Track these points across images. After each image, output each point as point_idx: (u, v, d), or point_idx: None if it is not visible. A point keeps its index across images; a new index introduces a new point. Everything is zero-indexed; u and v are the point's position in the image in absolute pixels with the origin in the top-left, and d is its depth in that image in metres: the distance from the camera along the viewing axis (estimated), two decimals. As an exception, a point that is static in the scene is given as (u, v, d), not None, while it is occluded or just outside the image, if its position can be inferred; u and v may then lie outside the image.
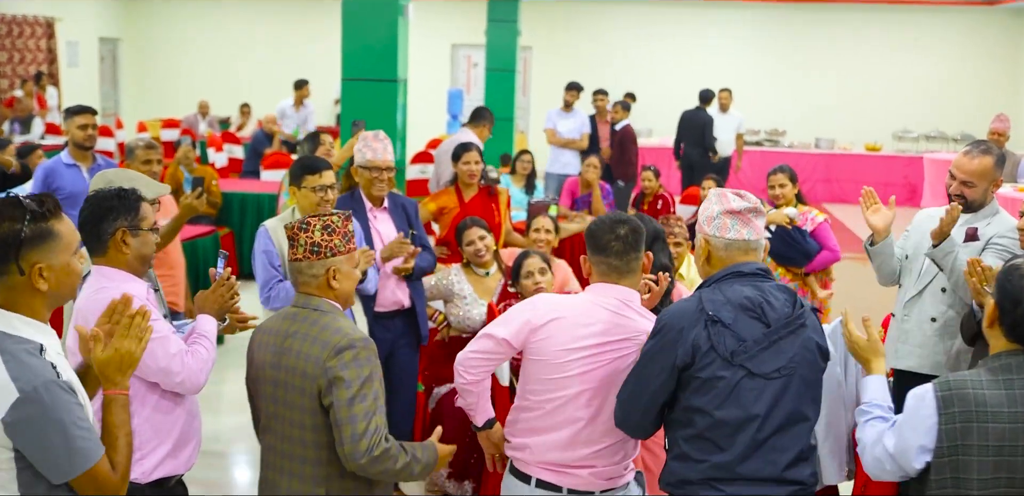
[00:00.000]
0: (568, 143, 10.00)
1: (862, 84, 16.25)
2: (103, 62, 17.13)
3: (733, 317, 2.50)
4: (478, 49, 13.98)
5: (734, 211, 2.62)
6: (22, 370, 2.03)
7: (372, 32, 7.09)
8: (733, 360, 2.48)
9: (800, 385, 2.54)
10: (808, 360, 2.56)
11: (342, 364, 2.53)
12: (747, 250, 2.62)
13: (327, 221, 2.67)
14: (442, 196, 5.85)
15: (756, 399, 2.49)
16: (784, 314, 2.54)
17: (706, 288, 2.59)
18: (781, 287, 2.61)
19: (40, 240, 2.09)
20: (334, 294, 2.68)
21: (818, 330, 2.62)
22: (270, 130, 11.95)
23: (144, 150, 5.07)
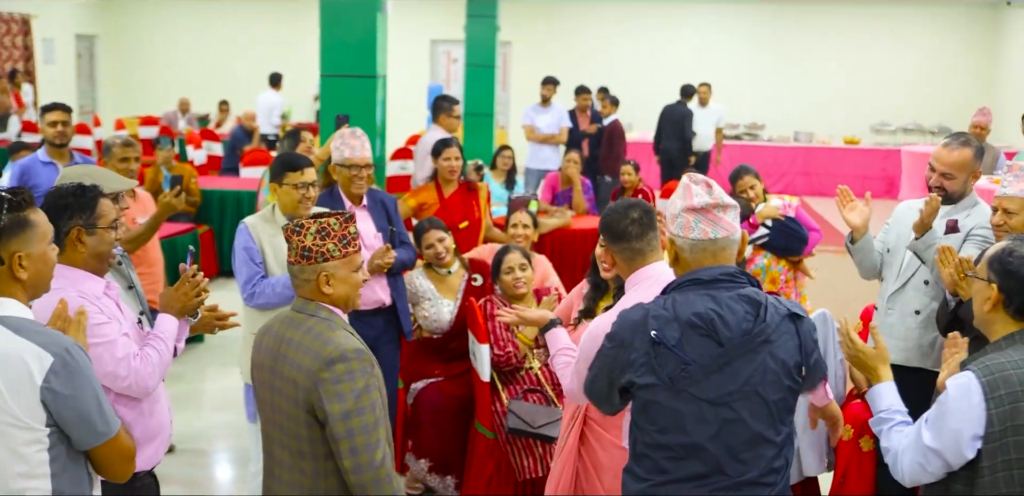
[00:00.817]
0: (547, 138, 10.00)
1: (840, 77, 16.34)
2: (80, 59, 17.00)
3: (678, 337, 2.25)
4: (457, 45, 13.94)
5: (696, 208, 2.35)
6: (44, 336, 2.12)
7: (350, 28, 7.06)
8: (674, 386, 2.25)
9: (760, 407, 2.27)
10: (770, 381, 2.27)
11: (334, 377, 2.43)
12: (714, 251, 2.35)
13: (323, 224, 2.55)
14: (422, 192, 5.85)
15: (701, 425, 2.26)
16: (741, 331, 2.26)
17: (662, 296, 2.36)
18: (744, 297, 2.30)
19: (19, 229, 2.16)
20: (329, 299, 2.58)
21: (789, 345, 2.30)
22: (250, 127, 11.90)
23: (121, 148, 5.04)
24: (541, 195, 8.06)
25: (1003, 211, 3.40)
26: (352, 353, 2.47)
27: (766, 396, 2.28)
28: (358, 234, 2.66)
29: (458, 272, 4.81)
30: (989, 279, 2.41)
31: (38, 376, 2.07)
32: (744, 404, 2.26)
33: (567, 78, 12.40)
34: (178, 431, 5.14)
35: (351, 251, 2.60)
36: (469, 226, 5.81)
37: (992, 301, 2.40)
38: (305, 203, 3.93)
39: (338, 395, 2.43)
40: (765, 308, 2.28)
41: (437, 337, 4.71)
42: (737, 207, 2.40)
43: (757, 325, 2.26)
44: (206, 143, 12.29)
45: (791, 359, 2.29)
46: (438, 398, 4.45)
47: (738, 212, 2.41)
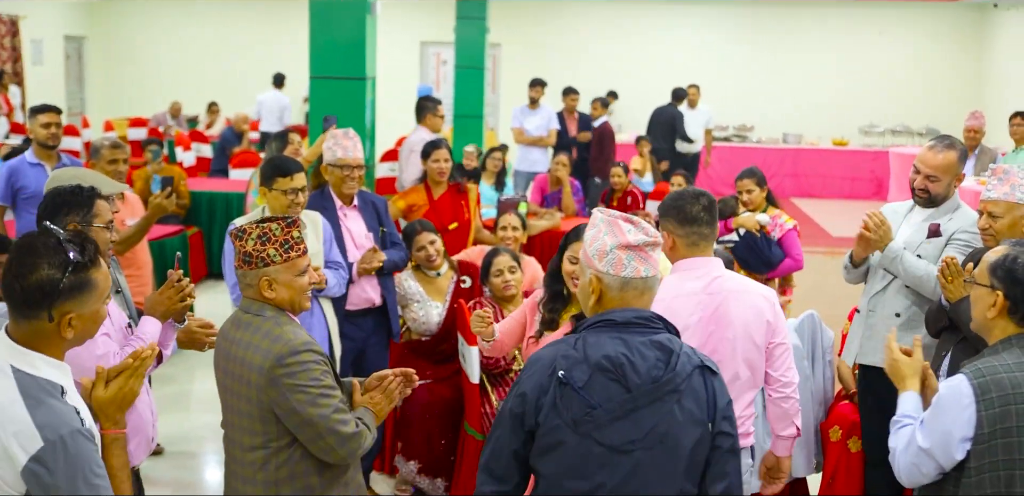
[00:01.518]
0: (535, 141, 10.01)
1: (829, 79, 16.39)
2: (68, 60, 16.93)
3: (586, 379, 2.16)
4: (447, 46, 13.95)
5: (631, 245, 2.24)
6: (48, 416, 1.98)
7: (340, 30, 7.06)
8: (577, 429, 2.15)
9: (670, 460, 2.16)
10: (680, 433, 2.16)
11: (290, 372, 2.51)
12: (643, 290, 2.25)
13: (264, 229, 2.60)
14: (411, 194, 5.85)
15: (603, 471, 2.16)
16: (650, 378, 2.15)
17: (573, 334, 2.27)
18: (656, 344, 2.20)
19: (77, 291, 2.05)
20: (274, 303, 2.63)
21: (699, 397, 2.20)
22: (240, 129, 11.88)
23: (110, 149, 5.03)
24: (530, 197, 8.08)
25: (988, 215, 3.41)
26: (301, 346, 2.55)
27: (676, 449, 2.16)
28: (302, 239, 2.68)
29: (447, 274, 4.81)
30: (992, 286, 2.41)
31: (21, 458, 1.96)
32: (649, 454, 2.15)
33: (556, 80, 12.41)
34: (166, 433, 5.14)
35: (293, 256, 2.63)
36: (458, 228, 5.81)
37: (998, 308, 2.41)
38: (294, 208, 3.93)
39: (299, 386, 2.51)
40: (677, 356, 2.19)
41: (426, 339, 4.71)
42: (660, 244, 2.29)
43: (667, 373, 2.16)
44: (195, 145, 12.27)
45: (700, 413, 2.19)
46: (428, 400, 4.45)
47: (659, 251, 2.29)
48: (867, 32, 16.33)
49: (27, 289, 2.01)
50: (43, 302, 2.02)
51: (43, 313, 2.03)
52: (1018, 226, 3.37)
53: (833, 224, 12.13)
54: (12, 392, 1.98)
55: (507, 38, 16.34)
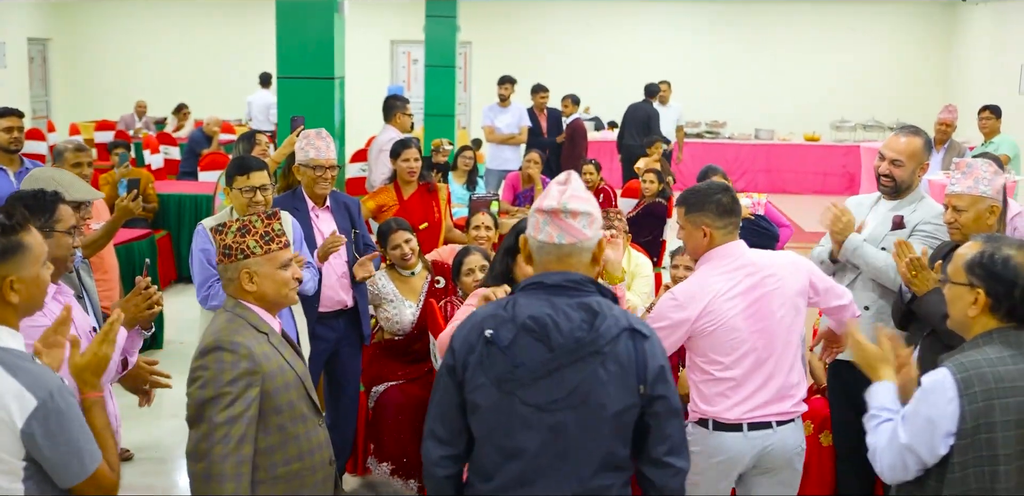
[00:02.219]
0: (507, 139, 9.99)
1: (799, 75, 16.48)
2: (32, 63, 16.72)
3: (511, 338, 2.21)
4: (417, 45, 13.89)
5: (544, 210, 2.27)
6: (32, 377, 2.09)
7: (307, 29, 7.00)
8: (501, 387, 2.21)
9: (593, 421, 2.19)
10: (604, 394, 2.19)
11: (202, 365, 2.47)
12: (559, 256, 2.27)
13: (244, 222, 2.59)
14: (381, 194, 5.82)
15: (527, 431, 2.21)
16: (572, 339, 2.19)
17: (509, 296, 2.35)
18: (583, 305, 2.22)
19: (11, 253, 2.14)
20: (253, 296, 2.60)
21: (625, 360, 2.21)
22: (211, 132, 11.78)
23: (74, 153, 4.97)
24: (502, 195, 8.04)
25: (953, 209, 3.43)
26: (228, 344, 2.48)
27: (600, 410, 2.19)
28: (284, 231, 2.67)
29: (421, 274, 4.79)
30: (971, 284, 2.40)
31: (19, 419, 2.05)
32: (572, 414, 2.19)
33: (527, 77, 12.39)
34: (136, 439, 5.07)
35: (274, 248, 2.61)
36: (429, 227, 5.78)
37: (980, 305, 2.40)
38: (255, 207, 3.90)
39: (202, 382, 2.46)
40: (604, 318, 2.21)
41: (399, 339, 4.68)
42: (591, 215, 2.28)
43: (590, 334, 2.19)
44: (163, 147, 12.15)
45: (627, 375, 2.20)
46: (400, 400, 4.43)
47: (593, 220, 2.29)
48: (838, 28, 16.44)
49: None
50: None
51: None
52: (982, 219, 3.38)
53: (806, 219, 12.19)
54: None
55: (478, 36, 16.31)
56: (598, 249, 2.33)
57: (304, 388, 2.63)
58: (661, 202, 7.48)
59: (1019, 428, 2.33)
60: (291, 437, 2.55)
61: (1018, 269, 2.37)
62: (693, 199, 3.17)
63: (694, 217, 3.15)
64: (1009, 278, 2.36)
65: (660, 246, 7.58)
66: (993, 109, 8.37)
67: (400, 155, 5.73)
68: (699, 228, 3.15)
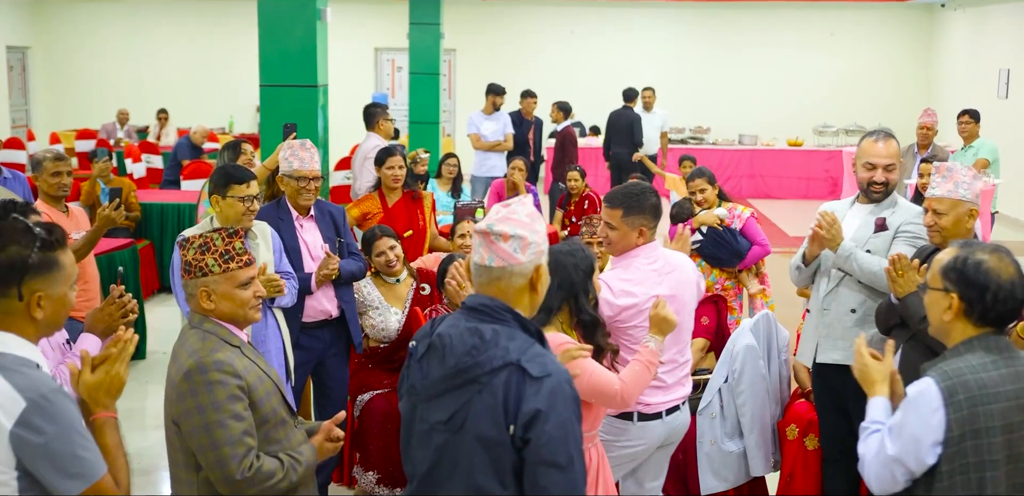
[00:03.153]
0: (493, 146, 9.99)
1: (782, 80, 16.58)
2: (11, 71, 16.62)
3: (423, 352, 2.23)
4: (401, 53, 13.91)
5: (478, 230, 2.23)
6: (25, 380, 2.04)
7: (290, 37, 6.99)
8: (411, 399, 2.24)
9: (475, 452, 2.12)
10: (475, 424, 2.12)
11: (192, 389, 2.48)
12: (490, 279, 2.22)
13: (206, 239, 2.61)
14: (365, 202, 5.81)
15: (419, 448, 2.22)
16: (457, 362, 2.15)
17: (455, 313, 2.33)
18: (476, 331, 2.17)
19: (45, 269, 2.11)
20: (215, 315, 2.62)
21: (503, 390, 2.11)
22: (199, 142, 11.72)
23: (53, 162, 4.93)
24: (487, 202, 8.03)
25: (933, 212, 3.45)
26: (211, 364, 2.50)
27: (476, 440, 2.12)
28: (246, 250, 2.67)
29: (406, 281, 4.78)
30: (946, 288, 2.41)
31: (7, 420, 2.00)
32: (454, 440, 2.14)
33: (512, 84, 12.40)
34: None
35: (233, 267, 2.62)
36: (413, 235, 5.77)
37: (954, 310, 2.41)
38: (248, 216, 3.90)
39: (198, 407, 2.47)
40: (491, 348, 2.14)
41: (384, 346, 4.67)
42: (523, 239, 2.21)
43: (469, 361, 2.14)
44: (145, 156, 12.09)
45: (496, 412, 2.10)
46: (386, 409, 4.41)
47: (526, 245, 2.21)
48: (819, 33, 16.55)
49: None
50: (12, 278, 2.07)
51: (12, 290, 2.08)
52: (962, 223, 3.41)
53: (789, 224, 12.25)
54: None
55: (462, 43, 16.33)
56: (535, 275, 2.24)
57: (280, 393, 2.67)
58: (645, 208, 7.47)
59: (1004, 434, 2.34)
60: (275, 442, 2.61)
61: (990, 273, 2.39)
62: (631, 202, 3.39)
63: (632, 219, 3.37)
64: (980, 282, 2.38)
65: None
66: (972, 113, 8.42)
67: (384, 163, 5.72)
68: (636, 229, 3.39)
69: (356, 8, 16.06)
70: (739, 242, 5.61)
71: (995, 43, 13.83)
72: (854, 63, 16.49)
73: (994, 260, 2.40)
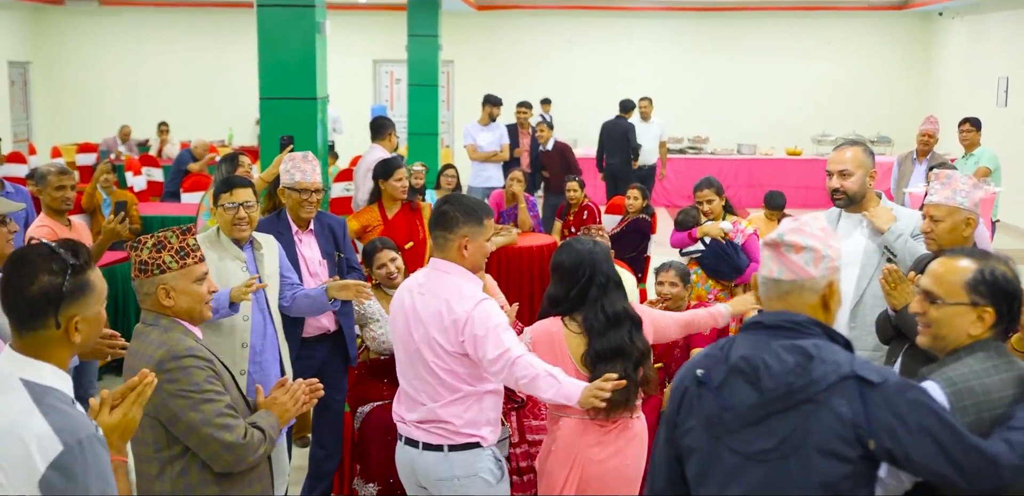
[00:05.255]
0: (490, 157, 10.00)
1: (780, 90, 16.61)
2: (13, 86, 16.67)
3: (723, 379, 2.11)
4: (400, 64, 13.95)
5: (769, 242, 2.19)
6: (65, 421, 1.98)
7: (289, 50, 7.02)
8: (711, 431, 2.10)
9: (800, 474, 2.02)
10: (817, 446, 2.01)
11: (170, 377, 2.53)
12: (780, 294, 2.16)
13: (160, 237, 2.67)
14: (365, 214, 5.81)
15: (732, 481, 2.07)
16: (782, 384, 2.04)
17: (727, 337, 2.24)
18: (798, 348, 2.06)
19: (79, 293, 2.07)
20: (172, 312, 2.67)
21: (849, 405, 2.01)
22: (200, 155, 11.75)
23: (57, 176, 4.94)
24: (487, 213, 8.04)
25: (930, 218, 3.45)
26: (183, 351, 2.57)
27: (812, 462, 2.01)
28: (199, 247, 2.74)
29: (406, 293, 4.77)
30: (975, 302, 2.36)
31: (41, 464, 1.93)
32: (784, 466, 2.02)
33: (510, 95, 12.43)
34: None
35: (189, 262, 2.68)
36: (414, 246, 5.77)
37: (987, 323, 2.37)
38: (239, 224, 3.85)
39: (180, 391, 2.53)
40: (821, 363, 2.04)
41: (384, 358, 4.66)
42: (816, 251, 2.15)
43: (802, 380, 2.03)
44: (145, 169, 12.11)
45: (847, 427, 2.01)
46: (386, 421, 4.38)
47: (819, 258, 2.16)
48: (817, 42, 16.59)
49: (31, 299, 2.02)
50: (48, 309, 2.03)
51: (50, 320, 2.04)
52: (958, 230, 3.40)
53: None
54: (26, 401, 1.99)
55: (460, 55, 16.38)
56: (828, 292, 2.16)
57: (237, 386, 2.74)
58: (645, 218, 7.50)
59: None
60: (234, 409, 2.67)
61: (1015, 283, 2.38)
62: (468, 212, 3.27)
63: (467, 226, 3.24)
64: (1011, 292, 2.36)
65: (644, 262, 7.60)
66: (973, 121, 8.44)
67: (393, 175, 5.72)
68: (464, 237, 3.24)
69: (355, 21, 16.12)
70: (740, 258, 5.61)
71: (993, 51, 13.86)
72: (852, 72, 16.53)
73: (1009, 270, 2.40)
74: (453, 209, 3.22)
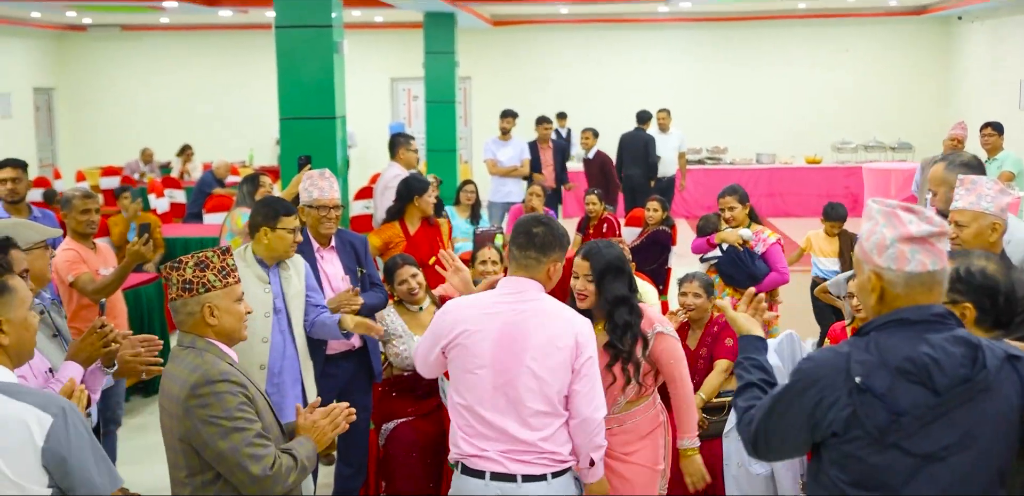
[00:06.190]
0: (509, 171, 10.03)
1: (798, 98, 16.54)
2: (38, 112, 16.91)
3: (888, 384, 2.04)
4: (417, 82, 14.03)
5: (914, 237, 2.10)
6: (38, 397, 2.14)
7: (307, 70, 7.10)
8: (883, 439, 2.04)
9: (980, 463, 2.05)
10: (992, 432, 2.06)
11: (202, 403, 2.52)
12: (931, 285, 2.12)
13: (200, 258, 2.67)
14: (387, 230, 5.84)
15: (914, 484, 2.05)
16: (958, 377, 2.03)
17: (860, 337, 2.15)
18: (959, 339, 2.07)
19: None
20: (214, 331, 2.67)
21: (1009, 391, 2.08)
22: (222, 176, 11.87)
23: (82, 199, 5.01)
24: (506, 228, 8.06)
25: (955, 224, 3.44)
26: (217, 375, 2.55)
27: (990, 449, 2.07)
28: (236, 267, 2.75)
29: (429, 309, 4.78)
30: (954, 300, 2.40)
31: (39, 438, 2.08)
32: (966, 458, 2.04)
33: (529, 110, 12.47)
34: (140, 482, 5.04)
35: (231, 282, 2.70)
36: (437, 262, 5.79)
37: (969, 320, 2.41)
38: (294, 247, 4.01)
39: (210, 418, 2.51)
40: (983, 351, 2.06)
41: (408, 374, 4.67)
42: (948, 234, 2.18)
43: (977, 371, 2.04)
44: (168, 191, 12.22)
45: (1013, 406, 2.08)
46: (411, 437, 4.41)
47: (948, 243, 2.19)
48: (834, 49, 16.52)
49: None
50: None
51: None
52: (983, 236, 3.38)
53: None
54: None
55: (477, 71, 16.45)
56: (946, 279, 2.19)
57: (272, 411, 2.73)
58: (665, 230, 7.49)
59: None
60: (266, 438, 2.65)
61: (996, 277, 2.42)
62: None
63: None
64: (991, 287, 2.40)
65: (666, 274, 7.57)
66: (995, 126, 8.38)
67: (426, 192, 5.79)
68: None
69: (372, 39, 16.25)
70: (756, 266, 5.59)
71: (1014, 54, 13.77)
72: (871, 78, 16.45)
73: (991, 264, 2.43)
74: (548, 232, 3.11)
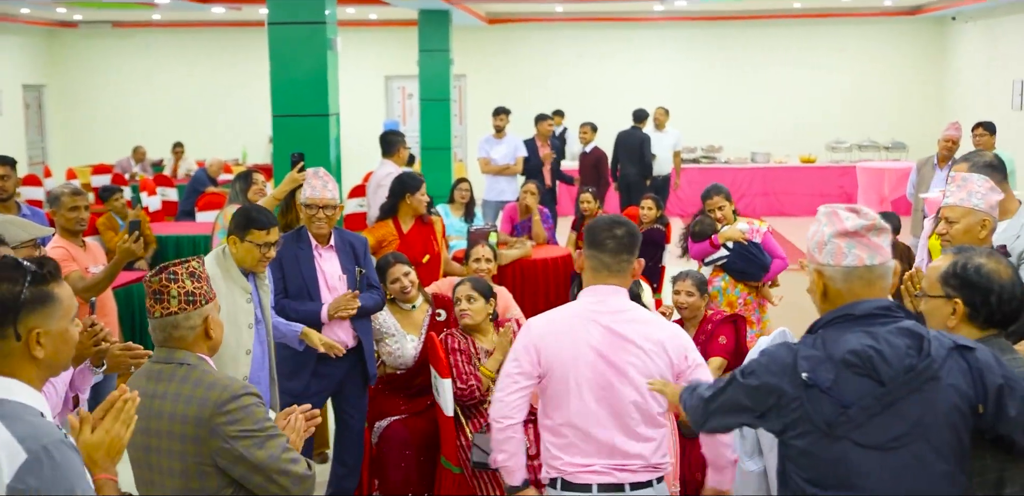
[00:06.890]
0: (502, 170, 9.99)
1: (793, 97, 16.55)
2: (28, 109, 16.82)
3: (833, 378, 2.07)
4: (411, 80, 14.00)
5: (848, 232, 2.18)
6: (28, 430, 1.91)
7: (300, 67, 7.05)
8: (833, 432, 2.07)
9: (935, 454, 2.07)
10: (944, 422, 2.08)
11: (232, 418, 2.43)
12: (871, 280, 2.17)
13: (190, 268, 2.54)
14: (380, 229, 5.81)
15: (870, 476, 2.06)
16: (903, 367, 2.06)
17: (810, 334, 2.20)
18: (903, 330, 2.11)
19: (39, 304, 1.99)
20: (208, 345, 2.56)
21: (959, 381, 2.11)
22: (215, 174, 11.81)
23: (70, 197, 4.95)
24: (500, 226, 8.03)
25: (945, 220, 3.43)
26: (240, 389, 2.48)
27: (943, 439, 2.09)
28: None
29: (422, 307, 4.76)
30: (948, 295, 2.43)
31: (7, 473, 1.86)
32: (919, 449, 2.07)
33: (524, 107, 12.46)
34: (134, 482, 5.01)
35: (214, 292, 2.62)
36: (431, 260, 5.78)
37: (959, 316, 2.43)
38: (264, 262, 3.77)
39: (244, 431, 2.44)
40: (928, 341, 2.10)
41: (401, 373, 4.65)
42: (888, 232, 2.22)
43: (921, 360, 2.07)
44: (160, 189, 12.15)
45: (964, 396, 2.10)
46: (404, 435, 4.39)
47: (888, 237, 2.22)
48: (830, 49, 16.53)
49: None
50: (6, 317, 1.96)
51: (8, 330, 1.96)
52: (973, 232, 3.38)
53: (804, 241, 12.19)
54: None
55: (471, 69, 16.42)
56: (892, 274, 2.23)
57: None
58: (660, 228, 7.48)
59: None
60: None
61: (991, 276, 2.42)
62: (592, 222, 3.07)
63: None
64: (984, 285, 2.40)
65: (660, 272, 7.56)
66: (987, 125, 8.38)
67: (419, 190, 5.75)
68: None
69: (366, 37, 16.21)
70: (764, 255, 5.69)
71: (1008, 55, 13.79)
72: (865, 78, 16.47)
73: (992, 263, 2.43)
74: (629, 231, 2.91)
